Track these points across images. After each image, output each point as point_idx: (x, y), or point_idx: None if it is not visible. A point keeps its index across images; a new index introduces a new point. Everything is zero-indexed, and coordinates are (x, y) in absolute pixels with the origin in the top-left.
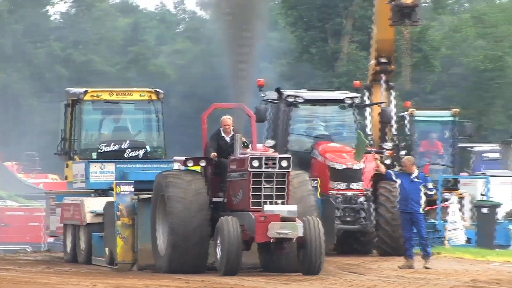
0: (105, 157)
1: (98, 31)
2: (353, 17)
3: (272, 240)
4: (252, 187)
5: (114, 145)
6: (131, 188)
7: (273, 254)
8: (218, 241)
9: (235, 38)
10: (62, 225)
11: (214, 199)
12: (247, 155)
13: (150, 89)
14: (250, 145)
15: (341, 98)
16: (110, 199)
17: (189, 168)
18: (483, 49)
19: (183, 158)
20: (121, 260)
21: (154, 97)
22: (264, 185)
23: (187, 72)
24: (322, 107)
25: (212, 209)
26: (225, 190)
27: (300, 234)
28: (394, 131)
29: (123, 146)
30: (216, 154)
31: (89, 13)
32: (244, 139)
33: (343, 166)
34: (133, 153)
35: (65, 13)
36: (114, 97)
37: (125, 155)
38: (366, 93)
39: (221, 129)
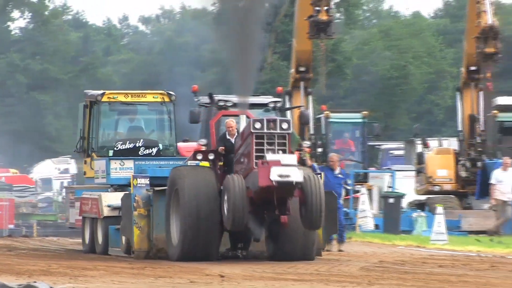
0: (120, 154)
1: (53, 44)
2: (276, 31)
3: (274, 184)
4: (256, 148)
5: (129, 143)
6: (146, 181)
7: (279, 242)
8: (225, 198)
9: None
10: (80, 218)
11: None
12: (250, 119)
13: (163, 91)
14: None
15: (266, 102)
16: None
17: (200, 162)
18: (389, 59)
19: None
20: (138, 248)
21: (166, 99)
22: (266, 146)
23: (130, 79)
24: (249, 110)
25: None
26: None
27: (300, 179)
28: (312, 131)
29: (137, 144)
30: (223, 147)
31: (45, 28)
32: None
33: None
34: (147, 151)
35: (24, 28)
36: (129, 99)
37: (139, 152)
38: (287, 98)
39: (226, 132)
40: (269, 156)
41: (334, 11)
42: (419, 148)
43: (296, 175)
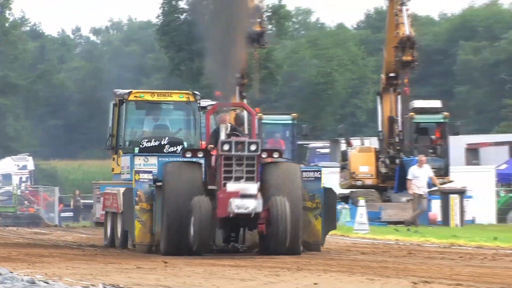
0: (146, 151)
1: (13, 52)
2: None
3: (231, 215)
4: (224, 170)
5: (155, 141)
6: (150, 176)
7: (266, 237)
8: (192, 219)
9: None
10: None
11: (210, 187)
12: (220, 141)
13: (188, 91)
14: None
15: (205, 105)
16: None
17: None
18: (316, 66)
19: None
20: (139, 242)
21: (191, 99)
22: (235, 167)
23: (82, 84)
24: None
25: (210, 196)
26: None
27: (259, 210)
28: (246, 132)
29: (162, 142)
30: (213, 146)
31: (6, 38)
32: (236, 131)
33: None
34: (172, 149)
35: None
36: (155, 98)
37: (164, 150)
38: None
39: (219, 126)
40: (229, 186)
41: (266, 23)
42: (343, 146)
43: (255, 206)
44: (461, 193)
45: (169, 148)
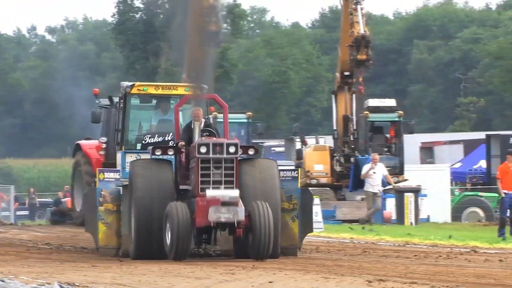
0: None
1: None
2: (169, 40)
3: (212, 224)
4: (201, 173)
5: (158, 136)
6: (116, 175)
7: (241, 240)
8: (168, 226)
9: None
10: None
11: (182, 187)
12: (196, 142)
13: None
14: (216, 135)
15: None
16: None
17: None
18: (271, 65)
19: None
20: (104, 245)
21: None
22: (212, 170)
23: (37, 83)
24: None
25: (182, 196)
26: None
27: (241, 218)
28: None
29: (166, 138)
30: (183, 143)
31: None
32: (210, 127)
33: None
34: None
35: None
36: (160, 91)
37: None
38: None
39: (192, 121)
40: (210, 192)
41: (221, 22)
42: (298, 145)
43: (237, 213)
44: (416, 191)
45: (173, 144)
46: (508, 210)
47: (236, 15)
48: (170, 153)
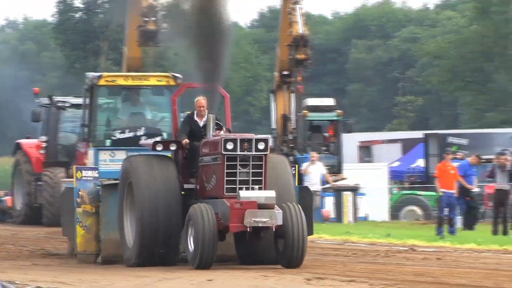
0: (119, 144)
1: None
2: (108, 40)
3: (248, 230)
4: (226, 172)
5: (129, 132)
6: (95, 174)
7: (250, 244)
8: (191, 232)
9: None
10: None
11: (186, 186)
12: (219, 137)
13: (168, 73)
14: (224, 127)
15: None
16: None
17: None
18: None
19: (151, 141)
20: (82, 251)
21: (171, 82)
22: (239, 169)
23: None
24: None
25: (184, 196)
26: (197, 176)
27: (279, 222)
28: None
29: (138, 133)
30: (187, 140)
31: None
32: (218, 121)
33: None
34: (149, 141)
35: None
36: (130, 82)
37: (140, 142)
38: None
39: (195, 111)
40: (243, 193)
41: (160, 22)
42: None
43: (274, 218)
44: (354, 190)
45: (145, 140)
46: (446, 209)
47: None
48: (173, 148)
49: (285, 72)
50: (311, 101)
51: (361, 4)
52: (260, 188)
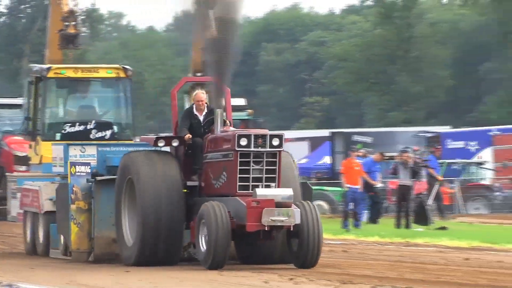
0: (69, 138)
1: None
2: (31, 43)
3: (266, 229)
4: (240, 169)
5: (79, 125)
6: (87, 169)
7: (251, 244)
8: (203, 231)
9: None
10: (22, 211)
11: (189, 183)
12: (231, 132)
13: (118, 65)
14: (228, 122)
15: (20, 103)
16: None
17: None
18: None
19: (153, 137)
20: (76, 249)
21: (122, 74)
22: (252, 166)
23: None
24: (7, 109)
25: (185, 194)
26: (200, 173)
27: (297, 221)
28: None
29: (88, 127)
30: (190, 136)
31: None
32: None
33: (24, 154)
34: (99, 134)
35: None
36: (79, 75)
37: (91, 136)
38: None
39: (194, 106)
40: (260, 191)
41: (80, 26)
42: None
43: (292, 217)
44: None
45: (96, 133)
46: (351, 204)
47: (94, 19)
48: (175, 144)
49: (199, 74)
50: (234, 101)
51: (271, 9)
52: (274, 186)
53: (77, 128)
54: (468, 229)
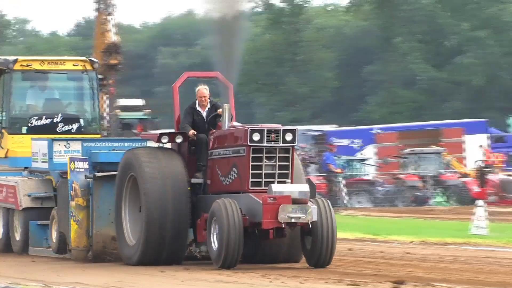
0: (36, 131)
1: None
2: None
3: (283, 226)
4: (252, 165)
5: (46, 118)
6: (86, 165)
7: (256, 242)
8: (214, 229)
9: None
10: None
11: (193, 180)
12: (243, 127)
13: (85, 58)
14: (232, 118)
15: None
16: (48, 180)
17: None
18: None
19: (156, 133)
20: (76, 246)
21: (88, 67)
22: (265, 162)
23: None
24: None
25: (189, 191)
26: (205, 170)
27: (315, 218)
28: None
29: (55, 120)
30: (195, 132)
31: None
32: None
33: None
34: (66, 127)
35: None
36: (45, 67)
37: (58, 129)
38: None
39: (196, 102)
40: (276, 187)
41: None
42: None
43: (310, 214)
44: None
45: (63, 126)
46: None
47: (0, 24)
48: (179, 140)
49: (100, 76)
50: (122, 102)
51: (167, 15)
52: (287, 182)
53: (44, 121)
54: (353, 222)
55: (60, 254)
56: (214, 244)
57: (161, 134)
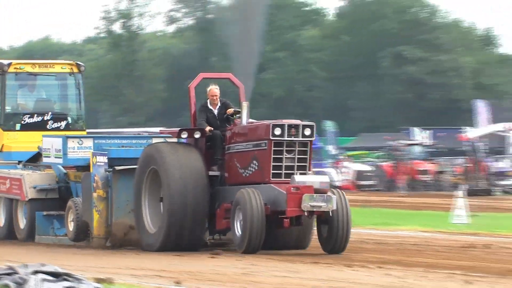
0: (28, 128)
1: None
2: None
3: (306, 214)
4: (273, 158)
5: (37, 116)
6: (105, 159)
7: (267, 231)
8: (238, 216)
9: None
10: None
11: (210, 173)
12: (266, 123)
13: (72, 61)
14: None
15: None
16: (51, 173)
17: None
18: None
19: (175, 129)
20: (97, 235)
21: (75, 70)
22: (285, 155)
23: None
24: None
25: (211, 184)
26: (222, 164)
27: (335, 207)
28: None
29: (45, 118)
30: (211, 128)
31: None
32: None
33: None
34: (55, 125)
35: None
36: (36, 69)
37: (48, 126)
38: None
39: (208, 100)
40: (298, 178)
41: None
42: None
43: (332, 202)
44: None
45: (52, 124)
46: None
47: None
48: (197, 135)
49: None
50: None
51: (28, 40)
52: (305, 174)
53: (35, 119)
54: None
55: (77, 241)
56: (238, 231)
57: (181, 130)
